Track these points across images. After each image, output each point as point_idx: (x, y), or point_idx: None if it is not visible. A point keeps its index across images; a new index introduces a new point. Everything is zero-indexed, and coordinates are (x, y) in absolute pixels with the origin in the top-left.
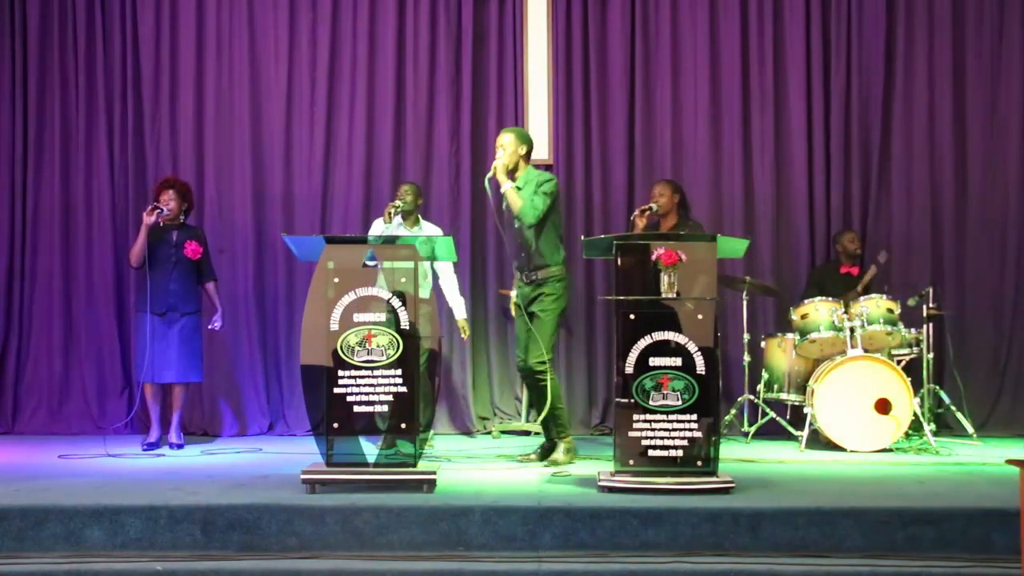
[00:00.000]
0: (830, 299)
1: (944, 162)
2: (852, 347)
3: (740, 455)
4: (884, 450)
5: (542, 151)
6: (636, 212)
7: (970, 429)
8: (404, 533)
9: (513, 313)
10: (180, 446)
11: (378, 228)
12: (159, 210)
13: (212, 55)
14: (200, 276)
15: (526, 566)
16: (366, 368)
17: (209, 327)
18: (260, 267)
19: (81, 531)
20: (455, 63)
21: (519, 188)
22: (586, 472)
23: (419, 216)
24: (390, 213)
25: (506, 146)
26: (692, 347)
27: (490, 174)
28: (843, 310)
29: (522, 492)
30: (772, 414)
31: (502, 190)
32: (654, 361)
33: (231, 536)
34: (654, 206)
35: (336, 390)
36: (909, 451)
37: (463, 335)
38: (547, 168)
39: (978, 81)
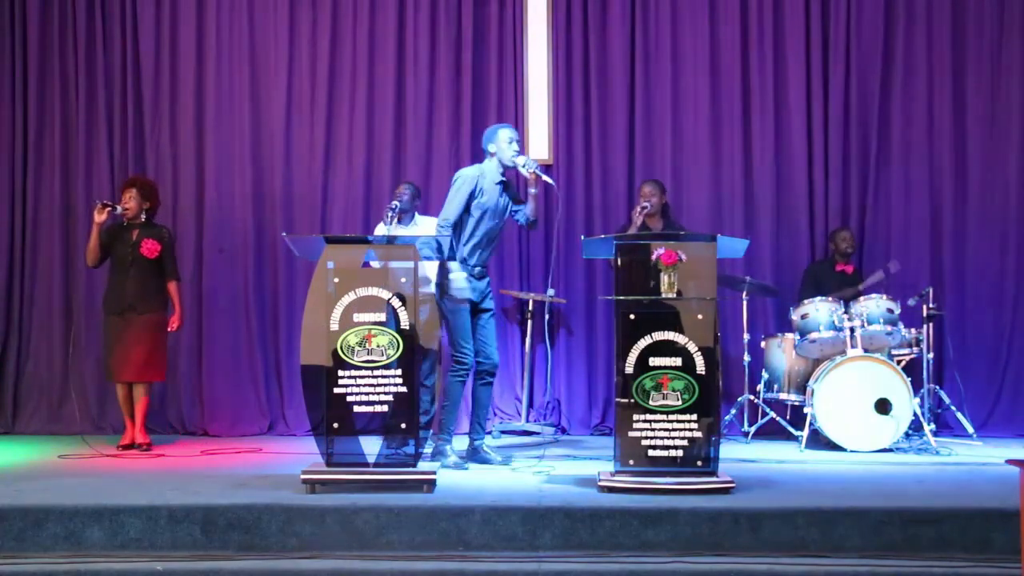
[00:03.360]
0: (830, 299)
1: (944, 162)
2: (852, 347)
3: (740, 455)
4: (884, 450)
5: (542, 151)
6: (637, 209)
7: (970, 429)
8: (404, 533)
9: (454, 306)
10: (148, 446)
11: (381, 230)
12: (110, 208)
13: (212, 55)
14: (164, 275)
15: (526, 566)
16: (366, 368)
17: (169, 329)
18: (260, 267)
19: (81, 531)
20: (455, 63)
21: None
22: (586, 472)
23: (415, 213)
24: (388, 216)
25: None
26: (692, 347)
27: (534, 167)
28: (843, 310)
29: (522, 492)
30: (772, 414)
31: (534, 191)
32: (654, 361)
33: (231, 536)
34: (647, 206)
35: (336, 390)
36: (909, 451)
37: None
38: (547, 168)
39: (978, 81)
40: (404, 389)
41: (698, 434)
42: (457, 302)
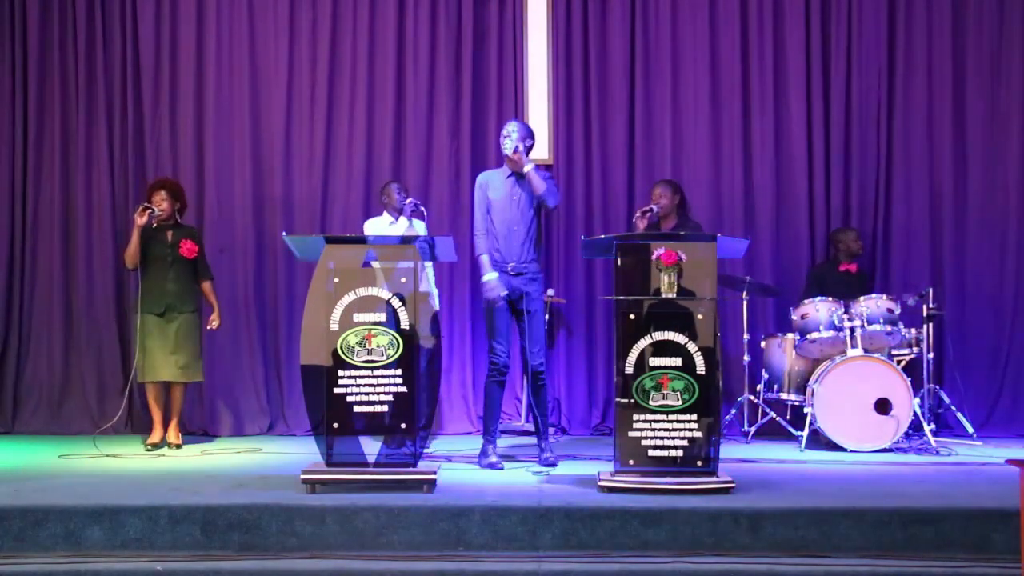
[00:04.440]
0: (830, 299)
1: (944, 162)
2: (852, 347)
3: (740, 455)
4: (884, 450)
5: (542, 151)
6: (638, 214)
7: (970, 429)
8: (404, 533)
9: (490, 306)
10: (178, 447)
11: (372, 227)
12: (150, 210)
13: (212, 55)
14: (197, 275)
15: (526, 566)
16: (366, 368)
17: (207, 327)
18: (260, 267)
19: (81, 531)
20: (455, 63)
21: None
22: (586, 472)
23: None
24: (418, 208)
25: (514, 132)
26: (692, 347)
27: (517, 147)
28: (843, 310)
29: (522, 492)
30: (772, 414)
31: (525, 169)
32: (654, 361)
33: (231, 536)
34: (655, 207)
35: (336, 390)
36: (909, 451)
37: None
38: (547, 168)
39: (978, 81)
40: (404, 389)
41: (698, 434)
42: (490, 301)
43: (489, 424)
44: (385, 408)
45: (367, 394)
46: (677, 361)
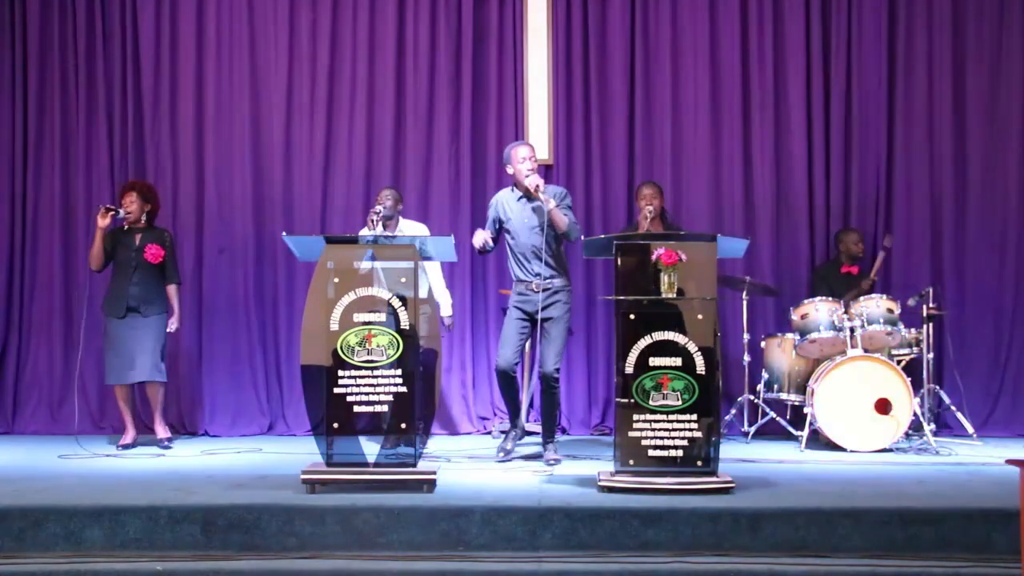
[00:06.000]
0: (830, 299)
1: (944, 162)
2: (852, 347)
3: (740, 455)
4: (884, 450)
5: (542, 151)
6: (643, 214)
7: (970, 429)
8: (404, 533)
9: (513, 316)
10: (169, 442)
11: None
12: (113, 212)
13: (212, 55)
14: (164, 279)
15: (526, 566)
16: (366, 368)
17: (167, 330)
18: (260, 267)
19: (81, 531)
20: (455, 63)
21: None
22: (586, 472)
23: (399, 218)
24: (373, 220)
25: (535, 159)
26: (692, 347)
27: (538, 184)
28: (843, 310)
29: (522, 492)
30: (772, 414)
31: (548, 208)
32: (654, 361)
33: (231, 536)
34: (652, 209)
35: (336, 390)
36: (909, 451)
37: (448, 329)
38: (547, 169)
39: (978, 81)
40: (404, 389)
41: (698, 434)
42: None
43: (511, 420)
44: (385, 408)
45: (367, 394)
46: (677, 361)
